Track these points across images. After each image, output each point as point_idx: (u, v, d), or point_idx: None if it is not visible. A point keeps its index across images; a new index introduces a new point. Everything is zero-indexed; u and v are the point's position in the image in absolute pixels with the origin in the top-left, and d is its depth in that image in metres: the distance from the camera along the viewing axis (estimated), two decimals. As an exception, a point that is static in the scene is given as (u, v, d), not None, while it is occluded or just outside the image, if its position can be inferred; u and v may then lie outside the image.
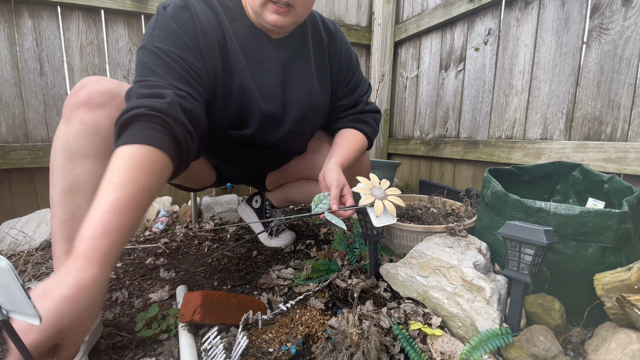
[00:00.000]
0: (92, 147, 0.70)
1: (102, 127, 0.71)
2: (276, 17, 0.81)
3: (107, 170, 0.58)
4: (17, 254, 1.25)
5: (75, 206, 0.69)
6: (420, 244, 0.94)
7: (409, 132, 2.21)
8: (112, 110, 0.73)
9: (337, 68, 1.03)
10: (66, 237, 0.69)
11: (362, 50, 2.33)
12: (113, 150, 0.61)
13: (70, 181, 0.69)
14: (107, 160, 0.69)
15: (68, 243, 0.68)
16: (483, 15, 1.63)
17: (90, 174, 0.70)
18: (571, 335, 0.74)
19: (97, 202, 0.55)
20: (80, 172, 0.69)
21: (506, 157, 1.49)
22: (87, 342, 0.69)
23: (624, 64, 1.12)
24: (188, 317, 0.73)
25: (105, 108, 0.72)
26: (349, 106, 1.06)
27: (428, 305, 0.82)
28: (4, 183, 1.56)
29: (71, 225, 0.69)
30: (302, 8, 0.83)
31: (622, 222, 0.73)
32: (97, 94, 0.72)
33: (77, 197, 0.69)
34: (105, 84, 0.74)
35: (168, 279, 1.05)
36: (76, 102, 0.71)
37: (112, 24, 1.68)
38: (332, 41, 1.02)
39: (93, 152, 0.70)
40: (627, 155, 1.10)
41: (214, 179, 1.21)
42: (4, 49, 1.51)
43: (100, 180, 0.68)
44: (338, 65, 1.03)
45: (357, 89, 1.07)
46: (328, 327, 0.78)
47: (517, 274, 0.73)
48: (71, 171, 0.69)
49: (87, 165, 0.70)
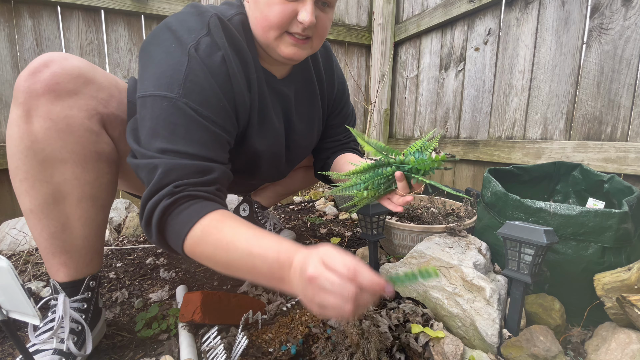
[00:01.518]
0: (68, 150, 0.60)
1: (75, 123, 0.60)
2: (294, 50, 0.71)
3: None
4: (17, 254, 1.25)
5: (64, 218, 0.63)
6: (420, 244, 0.94)
7: (409, 132, 2.21)
8: (86, 99, 0.62)
9: (332, 102, 1.00)
10: (61, 250, 0.65)
11: (362, 50, 2.33)
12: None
13: (51, 191, 0.61)
14: (87, 164, 0.63)
15: (65, 255, 0.65)
16: (483, 15, 1.63)
17: (72, 181, 0.62)
18: (571, 335, 0.74)
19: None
20: (61, 180, 0.61)
21: (506, 157, 1.49)
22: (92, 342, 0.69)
23: (624, 64, 1.12)
24: (188, 317, 0.73)
25: (77, 96, 0.60)
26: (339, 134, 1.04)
27: (428, 305, 0.82)
28: (4, 183, 1.56)
29: (63, 238, 0.64)
30: (319, 40, 0.74)
31: (622, 222, 0.73)
32: (66, 77, 0.59)
33: (63, 208, 0.63)
34: (75, 63, 0.61)
35: (168, 279, 1.05)
36: (36, 88, 0.57)
37: (112, 24, 1.68)
38: (329, 77, 0.97)
39: (70, 156, 0.61)
40: (627, 155, 1.10)
41: None
42: (4, 49, 1.51)
43: (85, 188, 0.63)
44: (334, 100, 1.00)
45: (346, 118, 1.05)
46: (328, 327, 0.78)
47: (517, 274, 0.73)
48: (49, 179, 0.60)
49: (67, 171, 0.61)
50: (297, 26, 0.67)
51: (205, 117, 0.63)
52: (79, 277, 0.68)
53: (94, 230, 0.68)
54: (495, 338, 0.69)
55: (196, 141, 0.61)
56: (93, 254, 0.70)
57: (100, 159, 0.66)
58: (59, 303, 0.64)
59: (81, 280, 0.68)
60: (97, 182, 0.66)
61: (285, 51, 0.70)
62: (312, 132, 0.96)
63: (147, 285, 1.02)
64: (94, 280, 0.71)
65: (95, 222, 0.68)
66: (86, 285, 0.69)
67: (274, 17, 0.66)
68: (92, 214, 0.67)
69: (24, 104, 0.57)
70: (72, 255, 0.66)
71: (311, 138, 0.97)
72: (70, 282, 0.67)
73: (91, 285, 0.70)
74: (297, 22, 0.67)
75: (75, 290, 0.68)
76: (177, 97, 0.60)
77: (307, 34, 0.69)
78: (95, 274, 0.71)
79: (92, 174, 0.65)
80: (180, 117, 0.60)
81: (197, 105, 0.62)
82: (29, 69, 0.58)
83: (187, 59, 0.62)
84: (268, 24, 0.67)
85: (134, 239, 1.42)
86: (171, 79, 0.60)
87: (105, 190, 0.69)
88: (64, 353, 0.62)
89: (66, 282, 0.67)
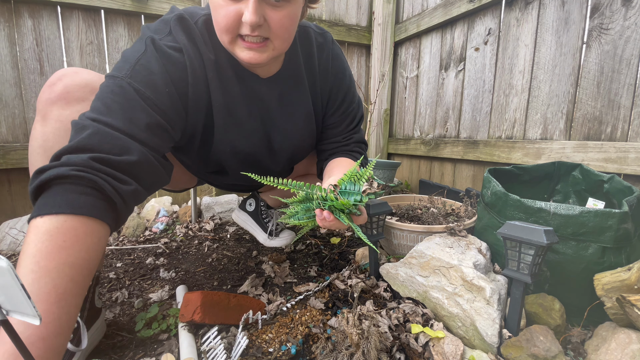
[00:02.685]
0: None
1: None
2: (250, 54, 0.68)
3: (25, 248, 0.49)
4: (17, 254, 1.25)
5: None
6: (420, 244, 0.94)
7: (409, 132, 2.21)
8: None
9: (327, 98, 0.94)
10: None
11: (362, 50, 2.33)
12: (30, 219, 0.51)
13: None
14: None
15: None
16: (483, 15, 1.63)
17: None
18: (571, 335, 0.74)
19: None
20: None
21: (506, 157, 1.49)
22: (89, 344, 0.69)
23: (624, 64, 1.12)
24: (188, 317, 0.73)
25: (84, 102, 0.68)
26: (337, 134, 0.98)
27: (428, 305, 0.82)
28: (4, 183, 1.56)
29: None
30: (280, 40, 0.70)
31: (622, 222, 0.73)
32: (75, 88, 0.67)
33: None
34: (83, 76, 0.69)
35: (168, 279, 1.05)
36: (52, 97, 0.66)
37: (112, 23, 1.68)
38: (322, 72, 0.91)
39: None
40: (627, 155, 1.10)
41: (194, 182, 1.16)
42: (4, 49, 1.51)
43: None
44: (328, 97, 0.94)
45: (347, 117, 0.97)
46: (328, 327, 0.78)
47: (517, 274, 0.73)
48: None
49: None
50: (246, 28, 0.65)
51: (146, 98, 0.64)
52: None
53: None
54: (495, 338, 0.69)
55: (128, 119, 0.61)
56: None
57: None
58: None
59: None
60: None
61: (242, 55, 0.69)
62: (302, 132, 0.91)
63: (147, 285, 1.02)
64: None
65: None
66: None
67: (221, 21, 0.65)
68: None
69: (42, 110, 0.67)
70: None
71: (301, 138, 0.92)
72: None
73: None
74: (244, 23, 0.65)
75: None
76: (122, 76, 0.64)
77: (261, 35, 0.67)
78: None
79: None
80: (119, 94, 0.62)
81: (141, 86, 0.63)
82: (47, 83, 0.68)
83: (145, 48, 0.67)
84: (219, 28, 0.68)
85: (134, 239, 1.42)
86: (124, 63, 0.66)
87: None
88: None
89: None
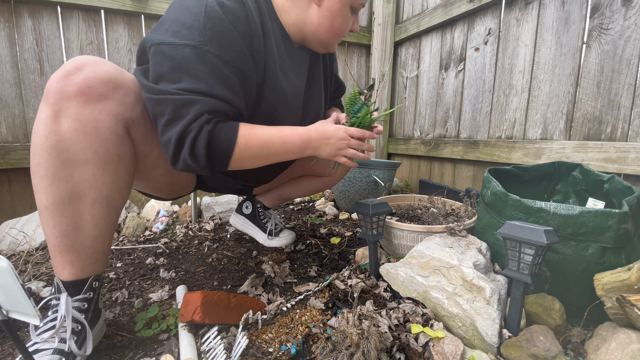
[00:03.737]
0: (92, 151, 0.62)
1: (102, 127, 0.62)
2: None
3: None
4: (17, 254, 1.25)
5: (77, 217, 0.64)
6: (420, 244, 0.94)
7: (409, 132, 2.21)
8: (114, 104, 0.64)
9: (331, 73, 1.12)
10: (69, 249, 0.65)
11: (362, 50, 2.33)
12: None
13: (69, 190, 0.62)
14: (107, 166, 0.65)
15: (73, 254, 0.65)
16: (483, 15, 1.63)
17: (90, 182, 0.63)
18: (571, 335, 0.74)
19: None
20: (80, 180, 0.62)
21: (506, 157, 1.49)
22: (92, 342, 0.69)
23: (624, 64, 1.12)
24: (188, 317, 0.73)
25: (106, 101, 0.62)
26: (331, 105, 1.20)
27: (428, 305, 0.82)
28: (4, 183, 1.56)
29: (74, 237, 0.64)
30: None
31: (622, 222, 0.73)
32: (97, 82, 0.61)
33: (78, 207, 0.63)
34: (106, 68, 0.63)
35: (168, 279, 1.05)
36: (68, 91, 0.59)
37: (112, 23, 1.68)
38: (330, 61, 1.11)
39: (93, 157, 0.62)
40: (627, 155, 1.10)
41: (192, 188, 1.09)
42: (4, 49, 1.51)
43: (102, 189, 0.65)
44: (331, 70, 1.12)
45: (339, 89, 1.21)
46: (328, 327, 0.78)
47: (517, 274, 0.73)
48: (68, 179, 0.61)
49: (87, 172, 0.63)
50: (347, 32, 0.91)
51: (225, 61, 0.69)
52: (83, 277, 0.68)
53: (104, 231, 0.69)
54: (495, 338, 0.69)
55: (220, 84, 0.68)
56: (99, 255, 0.70)
57: (121, 162, 0.68)
58: (61, 302, 0.64)
59: (85, 280, 0.68)
60: (115, 184, 0.68)
61: (334, 48, 0.96)
62: (321, 99, 1.03)
63: (147, 285, 1.02)
64: (97, 280, 0.71)
65: (106, 222, 0.69)
66: (89, 285, 0.69)
67: (343, 27, 0.88)
68: (105, 214, 0.68)
69: (54, 104, 0.59)
70: (79, 255, 0.66)
71: (320, 104, 1.03)
72: (73, 281, 0.67)
73: (94, 285, 0.70)
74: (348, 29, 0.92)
75: (78, 289, 0.68)
76: (199, 44, 0.65)
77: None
78: (99, 275, 0.72)
79: (111, 176, 0.67)
80: (203, 62, 0.66)
81: (218, 51, 0.67)
82: (61, 70, 0.60)
83: (205, 8, 0.66)
84: (340, 32, 0.89)
85: (133, 239, 1.42)
86: (191, 28, 0.65)
87: (121, 192, 0.70)
88: (64, 353, 0.62)
89: (70, 281, 0.67)
